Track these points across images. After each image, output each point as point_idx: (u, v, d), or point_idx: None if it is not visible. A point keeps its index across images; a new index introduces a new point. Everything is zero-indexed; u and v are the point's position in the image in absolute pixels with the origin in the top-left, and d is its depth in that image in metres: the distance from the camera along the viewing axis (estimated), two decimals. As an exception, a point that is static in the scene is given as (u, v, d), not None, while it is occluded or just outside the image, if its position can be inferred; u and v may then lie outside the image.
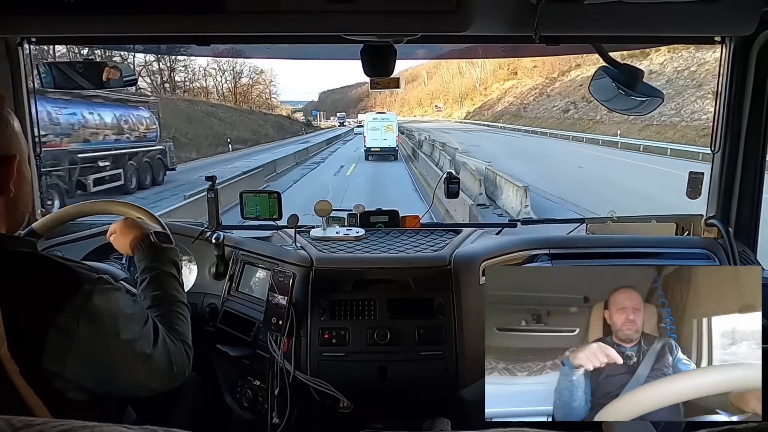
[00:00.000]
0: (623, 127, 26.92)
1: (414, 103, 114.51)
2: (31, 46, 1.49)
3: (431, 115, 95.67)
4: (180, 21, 1.10)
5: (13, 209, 0.82)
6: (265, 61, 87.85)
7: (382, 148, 20.55)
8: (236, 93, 55.34)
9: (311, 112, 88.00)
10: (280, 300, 1.32)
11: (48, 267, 0.78)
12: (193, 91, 46.69)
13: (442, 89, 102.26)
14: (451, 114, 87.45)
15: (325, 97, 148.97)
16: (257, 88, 59.39)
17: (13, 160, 0.80)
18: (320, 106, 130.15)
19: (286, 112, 67.75)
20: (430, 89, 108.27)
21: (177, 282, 1.04)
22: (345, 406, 1.27)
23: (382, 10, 1.05)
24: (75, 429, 0.41)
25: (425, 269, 1.38)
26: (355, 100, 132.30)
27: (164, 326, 0.91)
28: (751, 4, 1.16)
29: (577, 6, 1.09)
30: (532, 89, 57.41)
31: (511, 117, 53.96)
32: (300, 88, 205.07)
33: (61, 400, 0.76)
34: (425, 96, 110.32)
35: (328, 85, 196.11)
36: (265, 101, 59.84)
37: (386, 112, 25.41)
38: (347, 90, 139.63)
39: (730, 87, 1.46)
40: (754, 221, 1.55)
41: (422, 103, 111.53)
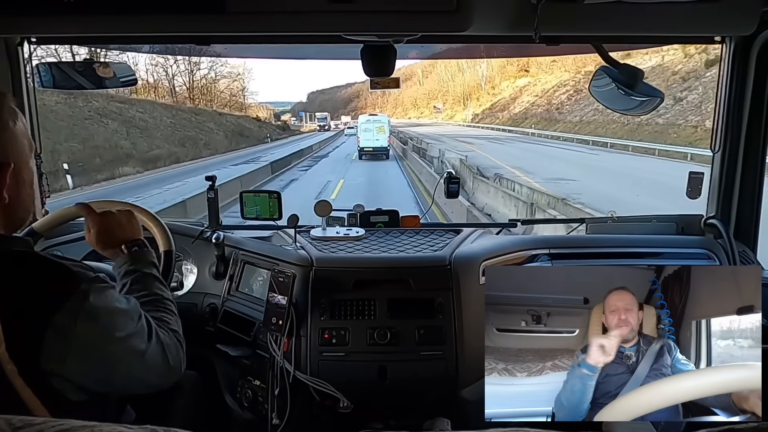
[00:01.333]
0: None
1: (408, 103, 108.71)
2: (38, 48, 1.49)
3: (428, 117, 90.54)
4: (180, 21, 1.10)
5: (11, 215, 0.81)
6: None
7: (375, 147, 22.49)
8: (192, 89, 46.12)
9: (299, 113, 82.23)
10: (280, 300, 1.31)
11: (44, 266, 0.77)
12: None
13: (440, 89, 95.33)
14: (452, 116, 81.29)
15: (314, 98, 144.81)
16: (223, 82, 50.57)
17: (7, 168, 0.78)
18: (309, 107, 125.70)
19: (265, 113, 60.28)
20: (427, 89, 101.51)
21: (158, 281, 1.02)
22: (345, 406, 1.27)
23: (382, 10, 1.05)
24: (75, 429, 0.41)
25: (425, 269, 1.38)
26: (344, 101, 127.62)
27: (155, 321, 0.91)
28: (751, 4, 1.16)
29: (578, 6, 1.09)
30: (560, 86, 48.84)
31: (541, 121, 44.29)
32: (289, 88, 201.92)
33: (60, 400, 0.76)
34: (421, 96, 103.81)
35: (318, 85, 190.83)
36: (234, 100, 51.88)
37: (378, 114, 27.42)
38: (337, 90, 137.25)
39: (730, 87, 1.45)
40: (754, 221, 1.55)
41: (418, 103, 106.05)
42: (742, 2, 1.16)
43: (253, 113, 55.53)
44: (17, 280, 0.75)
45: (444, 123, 72.09)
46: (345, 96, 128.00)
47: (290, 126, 61.44)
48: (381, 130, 22.79)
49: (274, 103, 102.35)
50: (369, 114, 28.78)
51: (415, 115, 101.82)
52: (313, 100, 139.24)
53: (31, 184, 0.85)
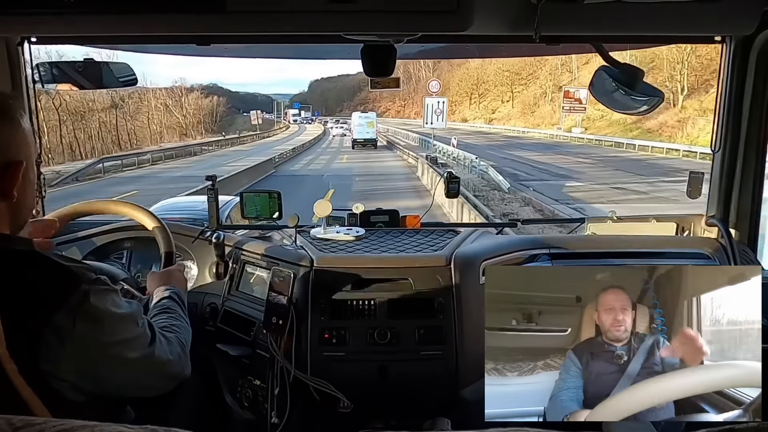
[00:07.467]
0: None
1: (460, 91, 65.50)
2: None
3: (513, 123, 49.99)
4: (180, 21, 1.10)
5: (16, 213, 0.82)
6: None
7: (366, 139, 29.63)
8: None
9: (293, 105, 69.58)
10: (280, 300, 1.32)
11: (46, 266, 0.78)
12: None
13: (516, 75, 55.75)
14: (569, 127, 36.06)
15: (316, 86, 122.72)
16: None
17: (20, 165, 0.79)
18: (310, 97, 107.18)
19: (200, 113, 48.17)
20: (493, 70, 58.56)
21: (181, 308, 1.09)
22: (345, 406, 1.27)
23: (382, 10, 1.05)
24: (75, 428, 0.41)
25: (425, 269, 1.38)
26: (351, 90, 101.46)
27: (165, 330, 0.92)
28: (751, 4, 1.16)
29: (578, 6, 1.09)
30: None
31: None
32: (289, 76, 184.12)
33: (60, 399, 0.76)
34: (488, 81, 60.15)
35: (323, 72, 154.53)
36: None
37: (368, 113, 34.61)
38: (345, 78, 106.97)
39: (730, 87, 1.45)
40: (754, 221, 1.55)
41: (480, 92, 62.65)
42: (742, 2, 1.16)
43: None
44: (18, 280, 0.75)
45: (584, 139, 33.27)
46: (354, 83, 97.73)
47: (256, 127, 49.35)
48: (371, 125, 30.26)
49: (278, 95, 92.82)
50: (361, 112, 35.66)
51: (475, 115, 61.69)
52: (315, 89, 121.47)
53: (34, 184, 0.86)
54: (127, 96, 44.19)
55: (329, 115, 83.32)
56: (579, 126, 35.90)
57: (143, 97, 48.26)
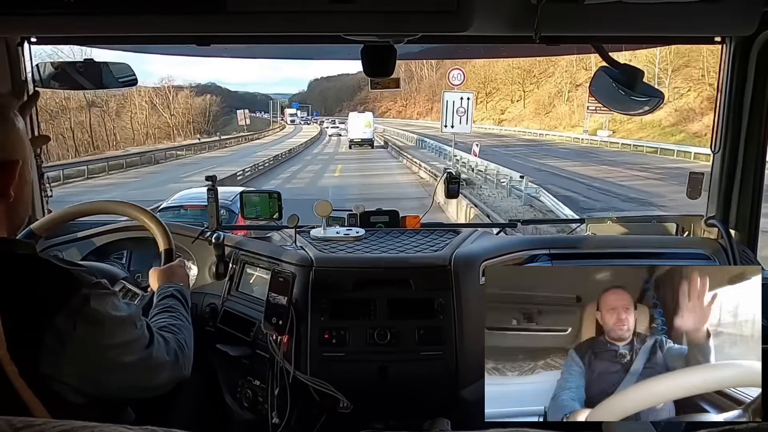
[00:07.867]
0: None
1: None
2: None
3: (526, 124, 45.52)
4: (180, 21, 1.09)
5: (14, 213, 0.82)
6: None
7: (363, 139, 29.39)
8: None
9: (292, 105, 69.88)
10: (280, 300, 1.31)
11: (46, 270, 0.78)
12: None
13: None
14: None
15: (315, 86, 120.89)
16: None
17: (16, 165, 0.79)
18: (309, 96, 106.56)
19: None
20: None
21: (183, 307, 1.12)
22: (345, 406, 1.27)
23: (382, 10, 1.05)
24: (75, 429, 0.41)
25: (425, 269, 1.38)
26: (351, 89, 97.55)
27: (164, 330, 0.92)
28: (751, 4, 1.16)
29: (578, 6, 1.09)
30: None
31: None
32: (289, 75, 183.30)
33: (60, 401, 0.76)
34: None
35: (322, 71, 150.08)
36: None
37: (365, 113, 33.30)
38: (345, 78, 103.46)
39: (730, 87, 1.45)
40: (754, 221, 1.55)
41: (487, 90, 55.41)
42: (742, 2, 1.16)
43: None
44: (20, 283, 0.75)
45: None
46: (354, 82, 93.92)
47: (244, 128, 45.94)
48: (368, 125, 29.92)
49: (278, 95, 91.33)
50: (357, 112, 34.77)
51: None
52: (314, 88, 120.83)
53: (31, 183, 0.86)
54: (111, 94, 40.84)
55: (328, 114, 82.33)
56: (605, 128, 31.82)
57: (127, 95, 44.56)
